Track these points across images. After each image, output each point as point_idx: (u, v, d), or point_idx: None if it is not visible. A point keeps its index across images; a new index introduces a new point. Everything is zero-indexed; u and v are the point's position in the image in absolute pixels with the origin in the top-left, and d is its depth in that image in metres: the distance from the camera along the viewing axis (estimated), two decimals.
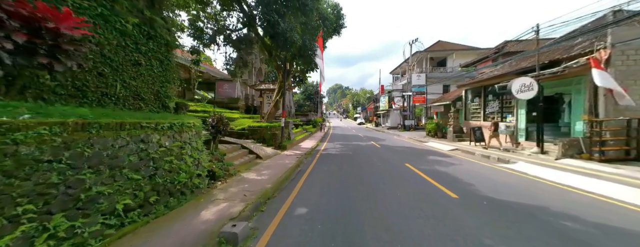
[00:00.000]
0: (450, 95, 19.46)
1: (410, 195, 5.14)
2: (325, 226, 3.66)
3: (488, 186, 5.84)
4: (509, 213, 4.16)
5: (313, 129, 27.27)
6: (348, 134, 24.79)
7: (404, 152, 11.98)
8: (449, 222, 3.76)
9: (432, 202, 4.72)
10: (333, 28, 17.14)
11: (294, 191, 5.43)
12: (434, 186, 5.89)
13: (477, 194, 5.21)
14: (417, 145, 15.16)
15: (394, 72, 40.45)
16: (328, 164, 8.77)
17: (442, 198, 4.94)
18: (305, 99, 45.88)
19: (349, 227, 3.61)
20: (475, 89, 15.88)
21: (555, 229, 3.58)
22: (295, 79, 31.45)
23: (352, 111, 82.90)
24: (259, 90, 14.25)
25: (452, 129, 16.53)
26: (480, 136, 13.77)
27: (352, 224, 3.72)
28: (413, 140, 18.31)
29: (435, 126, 19.26)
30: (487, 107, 14.53)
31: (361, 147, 13.72)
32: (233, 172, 6.43)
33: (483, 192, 5.38)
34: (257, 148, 9.73)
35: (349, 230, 3.52)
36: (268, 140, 11.59)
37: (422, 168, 7.83)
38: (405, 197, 4.98)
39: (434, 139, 17.79)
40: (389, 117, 36.37)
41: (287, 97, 29.68)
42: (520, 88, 9.76)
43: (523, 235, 3.38)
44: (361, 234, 3.39)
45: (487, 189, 5.56)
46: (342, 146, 14.59)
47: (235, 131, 11.58)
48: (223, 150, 7.92)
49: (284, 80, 11.80)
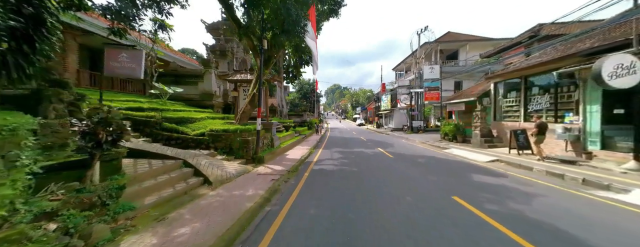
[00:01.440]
0: (473, 90, 16.13)
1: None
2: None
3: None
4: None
5: (308, 132, 23.83)
6: (348, 137, 21.35)
7: (430, 166, 8.56)
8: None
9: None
10: (330, 7, 13.76)
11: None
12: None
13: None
14: (439, 154, 11.74)
15: (397, 68, 37.13)
16: (320, 195, 5.31)
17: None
18: (301, 98, 42.49)
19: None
20: (511, 81, 12.52)
21: None
22: (289, 75, 28.08)
23: (351, 112, 79.55)
24: (233, 82, 10.86)
25: (479, 131, 13.16)
26: (525, 141, 10.41)
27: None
28: (429, 146, 14.89)
29: (455, 128, 15.90)
30: (531, 104, 11.18)
31: (367, 158, 10.29)
32: (109, 237, 2.98)
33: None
34: (210, 166, 6.26)
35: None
36: (237, 150, 8.15)
37: (491, 209, 4.40)
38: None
39: (455, 144, 14.40)
40: (392, 117, 33.01)
41: (278, 95, 26.27)
42: (614, 71, 6.39)
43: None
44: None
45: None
46: (341, 155, 11.16)
47: (190, 137, 8.12)
48: (138, 175, 4.47)
49: (261, 65, 8.35)
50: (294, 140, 14.93)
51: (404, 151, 12.52)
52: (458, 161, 9.71)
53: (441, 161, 9.52)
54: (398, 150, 12.79)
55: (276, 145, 11.08)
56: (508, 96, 12.75)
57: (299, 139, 16.13)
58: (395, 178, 6.67)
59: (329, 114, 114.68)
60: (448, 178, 6.65)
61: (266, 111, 11.30)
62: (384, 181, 6.39)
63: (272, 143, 10.67)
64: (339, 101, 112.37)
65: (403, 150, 12.80)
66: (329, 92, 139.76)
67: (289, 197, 5.02)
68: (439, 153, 11.74)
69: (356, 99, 74.32)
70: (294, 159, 9.20)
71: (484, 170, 7.86)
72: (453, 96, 18.04)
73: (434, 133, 22.45)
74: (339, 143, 16.63)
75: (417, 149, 13.52)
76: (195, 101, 13.92)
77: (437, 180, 6.43)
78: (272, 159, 9.09)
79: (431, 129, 24.75)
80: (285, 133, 15.53)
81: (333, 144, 16.24)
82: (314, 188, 5.75)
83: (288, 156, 10.16)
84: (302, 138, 17.61)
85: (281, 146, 11.40)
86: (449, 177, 6.79)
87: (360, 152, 11.84)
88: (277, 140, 11.56)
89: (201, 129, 8.49)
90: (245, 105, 9.74)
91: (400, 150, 12.79)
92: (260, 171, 6.95)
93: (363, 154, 11.22)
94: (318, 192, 5.40)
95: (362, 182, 6.27)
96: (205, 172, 5.71)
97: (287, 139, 14.69)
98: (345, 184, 6.06)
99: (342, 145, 15.35)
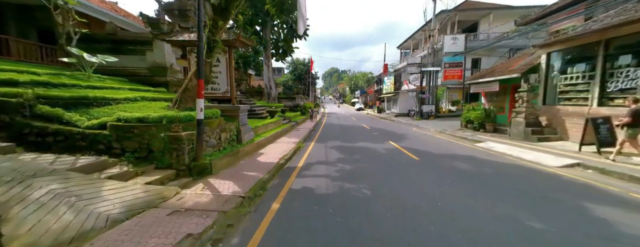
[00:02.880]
0: (510, 64, 12.53)
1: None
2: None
3: None
4: None
5: (301, 117, 20.39)
6: (347, 125, 17.97)
7: (488, 180, 5.22)
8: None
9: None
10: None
11: None
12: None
13: None
14: (477, 151, 8.43)
15: (403, 46, 33.02)
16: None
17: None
18: (296, 79, 38.52)
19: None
20: (578, 49, 8.98)
21: None
22: (278, 51, 24.02)
23: (349, 95, 75.60)
24: (179, 44, 7.18)
25: (523, 119, 9.83)
26: (609, 135, 7.12)
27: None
28: (453, 137, 11.56)
29: (483, 114, 12.53)
30: (613, 81, 7.75)
31: (380, 160, 6.94)
32: None
33: None
34: (55, 200, 2.85)
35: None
36: (161, 154, 4.73)
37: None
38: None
39: (486, 135, 11.09)
40: (396, 101, 29.51)
41: (266, 74, 22.36)
42: None
43: None
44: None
45: None
46: (341, 154, 7.80)
47: (80, 132, 4.65)
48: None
49: (199, 6, 4.65)
50: (278, 129, 11.50)
51: (426, 146, 9.19)
52: (517, 165, 6.41)
53: (493, 166, 6.20)
54: (417, 145, 9.46)
55: (247, 139, 7.66)
56: (570, 71, 9.27)
57: (285, 128, 12.71)
58: (447, 220, 3.33)
59: (326, 98, 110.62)
60: (556, 221, 3.32)
61: (231, 90, 7.74)
62: (433, 234, 3.05)
63: (239, 137, 7.23)
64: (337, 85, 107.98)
65: (424, 145, 9.47)
66: (327, 76, 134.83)
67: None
68: (477, 150, 8.44)
69: (355, 82, 70.09)
70: (266, 166, 5.82)
71: (582, 188, 4.56)
72: (480, 73, 14.47)
73: (448, 120, 19.13)
74: (337, 133, 13.26)
75: (441, 142, 10.20)
76: (143, 77, 10.25)
77: (543, 229, 3.10)
78: (232, 166, 5.70)
79: (444, 115, 21.41)
80: (267, 121, 12.07)
81: (329, 134, 12.86)
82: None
83: (261, 156, 6.77)
84: (290, 126, 14.19)
85: (255, 140, 7.99)
86: (554, 216, 3.46)
87: (367, 150, 8.48)
88: (249, 132, 8.11)
89: (104, 118, 4.98)
90: (189, 78, 6.14)
91: (420, 145, 9.46)
92: (184, 203, 3.56)
93: (372, 153, 7.87)
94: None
95: (387, 235, 2.93)
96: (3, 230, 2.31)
97: (269, 128, 11.26)
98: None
99: (341, 136, 11.98)
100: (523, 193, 4.33)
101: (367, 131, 14.07)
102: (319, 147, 8.83)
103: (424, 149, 8.46)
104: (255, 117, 12.58)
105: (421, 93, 20.61)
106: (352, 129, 15.07)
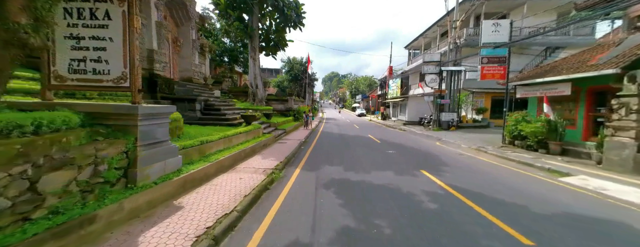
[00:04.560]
0: (592, 56, 8.84)
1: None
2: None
3: None
4: None
5: (292, 124, 16.65)
6: (350, 136, 14.19)
7: None
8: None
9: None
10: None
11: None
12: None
13: None
14: (590, 201, 4.58)
15: (412, 45, 29.51)
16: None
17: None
18: (292, 80, 34.85)
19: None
20: None
21: None
22: (268, 43, 20.32)
23: (349, 100, 71.94)
24: None
25: (634, 140, 6.13)
26: None
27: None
28: (507, 162, 7.70)
29: (545, 129, 8.78)
30: None
31: (431, 231, 3.13)
32: None
33: None
34: None
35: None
36: None
37: None
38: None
39: (555, 160, 7.27)
40: (404, 107, 25.81)
41: (252, 70, 18.49)
42: None
43: None
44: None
45: None
46: (344, 206, 3.98)
47: None
48: None
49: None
50: (249, 144, 7.68)
51: (489, 184, 5.39)
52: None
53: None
54: (471, 180, 5.66)
55: (157, 174, 3.87)
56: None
57: (263, 141, 8.91)
58: None
59: (326, 102, 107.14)
60: None
61: (132, 75, 3.98)
62: None
63: (131, 173, 3.44)
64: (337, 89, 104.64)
65: (481, 180, 5.69)
66: (327, 80, 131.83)
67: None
68: (582, 195, 4.64)
69: (356, 86, 66.55)
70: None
71: None
72: (535, 71, 10.72)
73: (475, 131, 15.40)
74: (337, 150, 9.46)
75: (501, 173, 6.41)
76: None
77: None
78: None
79: (467, 125, 17.68)
80: (239, 129, 8.25)
81: (326, 151, 9.07)
82: None
83: (157, 225, 2.98)
84: (273, 138, 10.38)
85: (184, 172, 4.21)
86: None
87: (393, 193, 4.67)
88: (171, 157, 4.30)
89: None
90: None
91: (475, 180, 5.67)
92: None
93: (406, 205, 4.06)
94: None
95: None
96: None
97: (234, 142, 7.44)
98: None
99: (343, 156, 8.18)
100: None
101: (377, 147, 10.29)
102: (304, 184, 5.03)
103: (493, 195, 4.66)
104: (223, 123, 8.84)
105: (440, 97, 16.91)
106: (356, 143, 11.29)
